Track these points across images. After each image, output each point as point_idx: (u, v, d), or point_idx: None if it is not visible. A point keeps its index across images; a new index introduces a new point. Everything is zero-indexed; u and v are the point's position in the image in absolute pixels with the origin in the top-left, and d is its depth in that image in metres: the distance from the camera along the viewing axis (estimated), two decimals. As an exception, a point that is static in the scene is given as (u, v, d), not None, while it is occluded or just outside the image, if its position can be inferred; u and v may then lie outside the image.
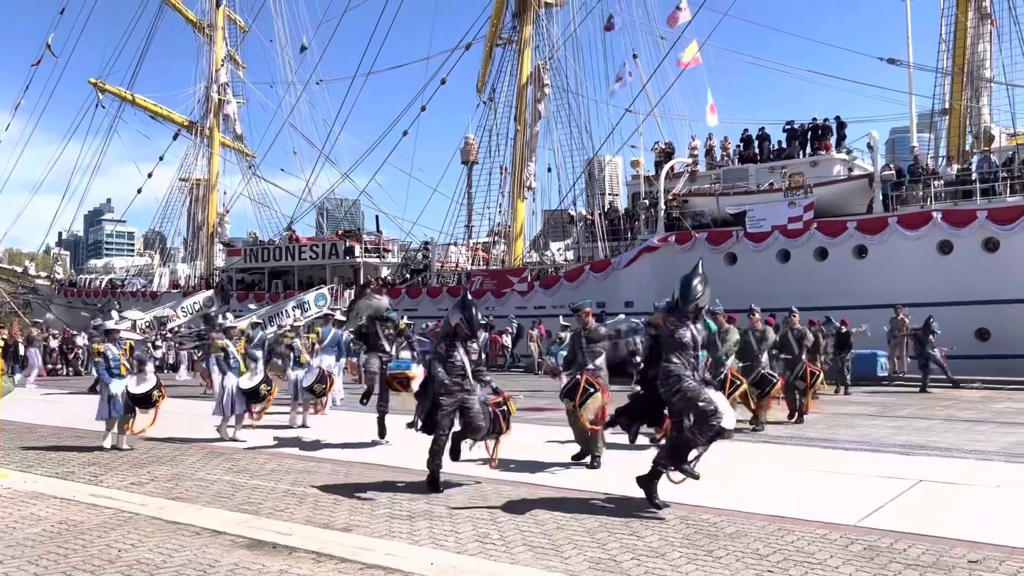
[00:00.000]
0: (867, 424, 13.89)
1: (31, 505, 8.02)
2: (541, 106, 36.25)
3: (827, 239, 25.75)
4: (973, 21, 28.08)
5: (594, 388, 9.42)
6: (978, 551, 5.99)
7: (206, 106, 48.39)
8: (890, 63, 29.36)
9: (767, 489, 8.54)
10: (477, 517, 7.29)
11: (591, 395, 9.38)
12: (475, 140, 41.16)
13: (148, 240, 65.44)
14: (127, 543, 6.58)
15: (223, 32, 49.08)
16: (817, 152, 28.88)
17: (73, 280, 54.89)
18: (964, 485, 8.54)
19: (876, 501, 7.64)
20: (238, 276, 44.17)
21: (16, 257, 71.68)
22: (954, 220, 23.80)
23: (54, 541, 6.66)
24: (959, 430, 12.73)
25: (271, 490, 8.64)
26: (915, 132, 29.98)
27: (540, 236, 41.02)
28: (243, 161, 50.57)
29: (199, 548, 6.40)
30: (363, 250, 40.45)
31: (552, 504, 7.75)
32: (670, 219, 29.31)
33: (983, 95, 28.33)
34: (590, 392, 9.39)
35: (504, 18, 38.35)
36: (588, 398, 9.37)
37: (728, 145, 31.89)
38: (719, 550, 6.15)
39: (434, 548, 6.36)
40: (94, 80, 48.83)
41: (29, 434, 13.13)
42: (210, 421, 12.66)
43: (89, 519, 7.42)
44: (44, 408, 17.46)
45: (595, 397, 9.37)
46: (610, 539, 6.50)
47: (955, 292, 22.90)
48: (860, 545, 6.21)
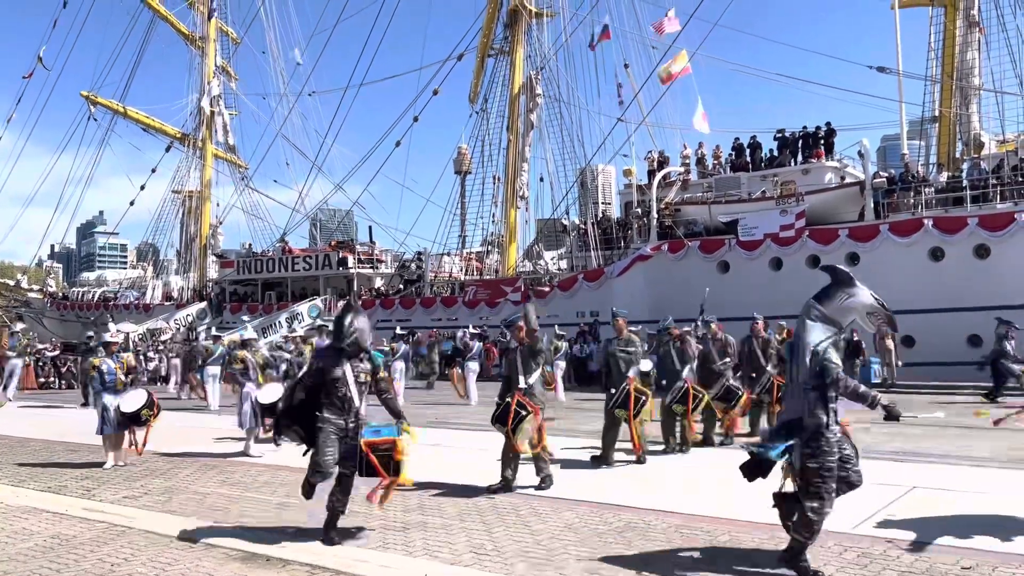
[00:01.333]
0: (860, 431, 13.87)
1: (23, 520, 7.99)
2: (533, 116, 36.33)
3: (819, 247, 25.82)
4: (961, 29, 28.27)
5: (526, 411, 8.68)
6: (971, 557, 6.01)
7: (199, 118, 48.37)
8: (880, 71, 29.48)
9: (760, 497, 8.53)
10: (471, 528, 7.28)
11: (523, 418, 8.62)
12: (468, 150, 41.25)
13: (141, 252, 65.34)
14: (120, 557, 6.56)
15: (215, 44, 49.13)
16: (808, 160, 29.01)
17: (66, 293, 54.74)
18: (957, 491, 8.56)
19: (869, 508, 7.65)
20: (231, 288, 44.08)
21: (8, 270, 71.60)
22: (945, 227, 23.90)
23: (47, 556, 6.64)
24: (952, 436, 12.76)
25: (265, 502, 8.62)
26: (905, 140, 30.12)
27: (533, 245, 41.10)
28: (236, 173, 50.57)
29: (192, 562, 6.39)
30: (356, 261, 40.42)
31: (547, 514, 7.75)
32: (663, 228, 29.36)
33: (972, 102, 28.51)
34: (522, 415, 8.63)
35: (496, 29, 38.48)
36: (521, 421, 8.62)
37: (720, 154, 32.00)
38: (715, 558, 6.16)
39: (429, 559, 6.35)
40: (86, 93, 48.78)
41: (21, 448, 13.08)
42: (205, 434, 12.61)
43: (82, 533, 7.39)
44: (36, 422, 17.37)
45: (528, 419, 8.62)
46: (604, 548, 6.50)
47: (947, 299, 22.96)
48: (854, 552, 6.23)
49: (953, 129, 28.68)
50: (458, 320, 32.54)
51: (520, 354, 8.95)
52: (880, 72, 29.43)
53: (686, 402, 11.30)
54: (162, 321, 40.12)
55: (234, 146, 49.70)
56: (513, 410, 8.65)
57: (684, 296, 11.87)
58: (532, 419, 8.64)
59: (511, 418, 8.62)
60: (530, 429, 8.62)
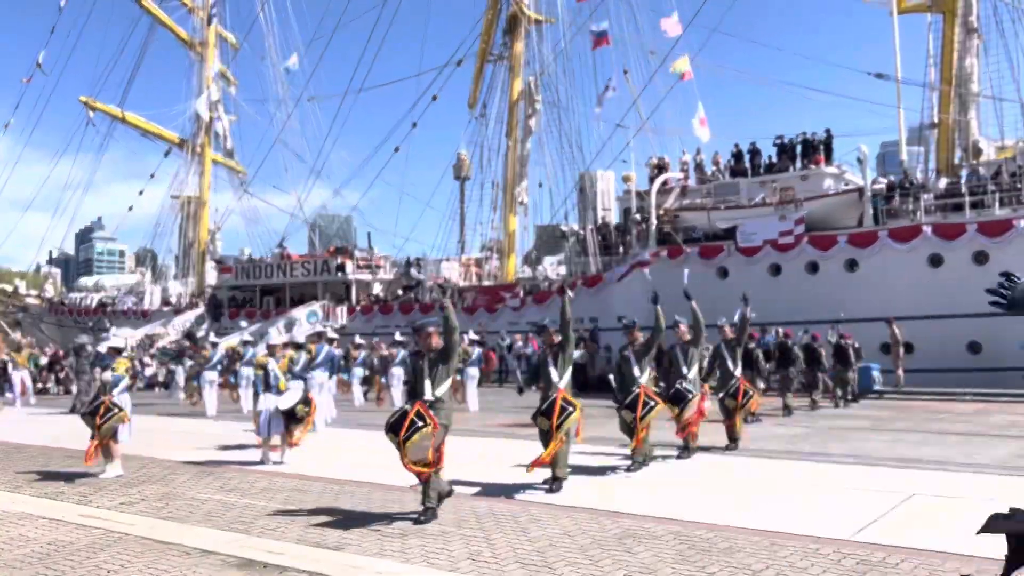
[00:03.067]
0: (860, 438, 13.89)
1: (19, 526, 7.95)
2: (532, 121, 36.39)
3: (818, 253, 25.84)
4: (960, 36, 28.36)
5: (424, 422, 7.66)
6: (971, 564, 5.98)
7: (197, 123, 48.40)
8: (878, 77, 29.55)
9: (759, 504, 8.52)
10: (469, 535, 7.25)
11: (418, 430, 7.56)
12: (467, 156, 41.29)
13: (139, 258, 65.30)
14: (116, 564, 6.52)
15: (214, 49, 49.18)
16: (807, 166, 29.02)
17: (64, 299, 54.69)
18: (958, 498, 8.54)
19: (869, 515, 7.63)
20: (229, 294, 44.05)
21: (6, 275, 71.41)
22: (944, 233, 23.92)
23: (43, 562, 6.60)
24: (952, 443, 12.74)
25: (262, 509, 8.58)
26: (904, 146, 30.16)
27: (532, 251, 41.09)
28: (234, 178, 50.59)
29: (189, 568, 6.35)
30: (355, 267, 40.41)
31: (544, 521, 7.72)
32: (661, 234, 29.37)
33: (971, 109, 28.57)
34: (418, 426, 7.57)
35: (495, 35, 38.56)
36: (415, 433, 7.54)
37: (719, 159, 32.02)
38: (712, 566, 6.13)
39: (426, 566, 6.32)
40: (85, 98, 48.82)
41: (18, 454, 13.04)
42: (204, 440, 12.56)
43: (78, 539, 7.35)
44: (31, 427, 17.33)
45: (422, 432, 7.57)
46: (603, 556, 6.47)
47: (946, 305, 22.96)
48: (853, 560, 6.19)
49: (952, 135, 28.72)
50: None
51: (428, 361, 8.11)
52: (879, 78, 29.51)
53: (634, 408, 10.41)
54: (160, 326, 40.10)
55: (232, 151, 49.76)
56: (410, 419, 7.68)
57: (683, 302, 11.74)
58: (427, 431, 7.58)
59: (405, 428, 7.59)
60: (422, 445, 7.58)
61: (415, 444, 7.57)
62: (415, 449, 7.59)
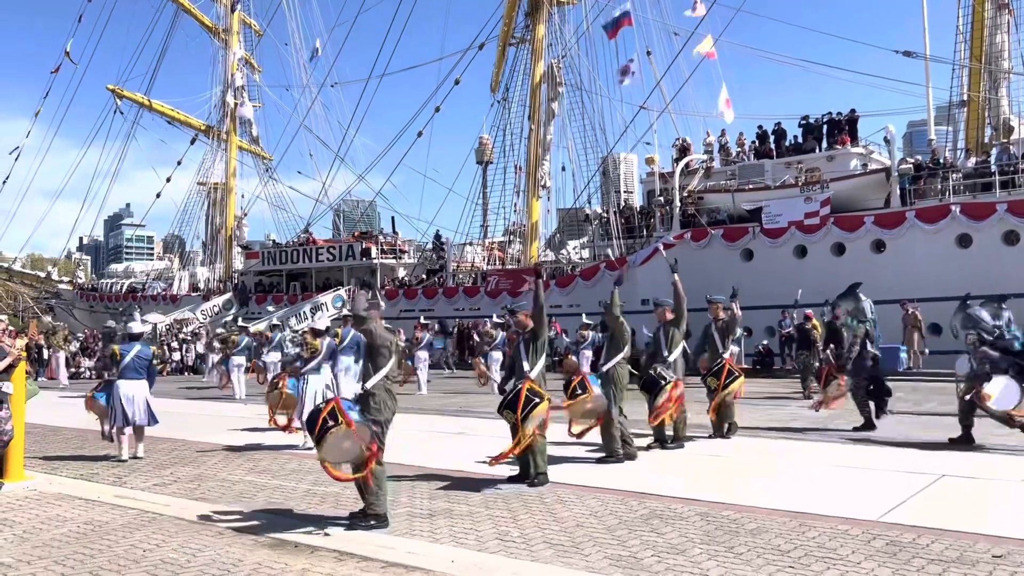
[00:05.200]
0: (888, 419, 13.78)
1: (57, 506, 8.12)
2: (555, 104, 36.20)
3: (844, 234, 25.57)
4: (991, 12, 27.79)
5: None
6: (1002, 545, 5.95)
7: (223, 110, 48.72)
8: (906, 55, 29.06)
9: (787, 485, 8.50)
10: (497, 515, 7.31)
11: (329, 430, 6.84)
12: (490, 140, 41.21)
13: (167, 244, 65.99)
14: (151, 543, 6.65)
15: (238, 36, 49.39)
16: (833, 146, 28.69)
17: (94, 285, 55.43)
18: (988, 480, 8.48)
19: (898, 496, 7.60)
20: (256, 279, 44.44)
21: (38, 262, 72.56)
22: (973, 213, 23.58)
23: (80, 542, 6.75)
24: (982, 425, 12.61)
25: (292, 489, 8.71)
26: (932, 125, 29.71)
27: (556, 235, 40.97)
28: (260, 164, 50.98)
29: (222, 548, 6.47)
30: (379, 251, 40.59)
31: (572, 502, 7.77)
32: (685, 216, 29.20)
33: (1002, 86, 28.03)
34: (328, 426, 6.85)
35: (517, 17, 38.32)
36: (326, 433, 6.84)
37: (743, 141, 31.74)
38: (740, 546, 6.15)
39: (455, 546, 6.39)
40: (112, 87, 49.26)
41: (53, 436, 13.29)
42: (234, 423, 12.70)
43: (114, 520, 7.50)
44: (65, 411, 17.62)
45: (334, 432, 6.84)
46: (630, 536, 6.50)
47: (974, 286, 22.56)
48: (882, 540, 6.18)
49: (982, 114, 28.20)
50: (480, 310, 32.59)
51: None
52: (906, 56, 29.02)
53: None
54: (188, 312, 40.57)
55: (258, 137, 50.06)
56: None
57: (707, 285, 11.67)
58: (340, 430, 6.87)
59: (318, 426, 6.92)
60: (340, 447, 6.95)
61: (325, 445, 6.86)
62: (324, 450, 6.89)
